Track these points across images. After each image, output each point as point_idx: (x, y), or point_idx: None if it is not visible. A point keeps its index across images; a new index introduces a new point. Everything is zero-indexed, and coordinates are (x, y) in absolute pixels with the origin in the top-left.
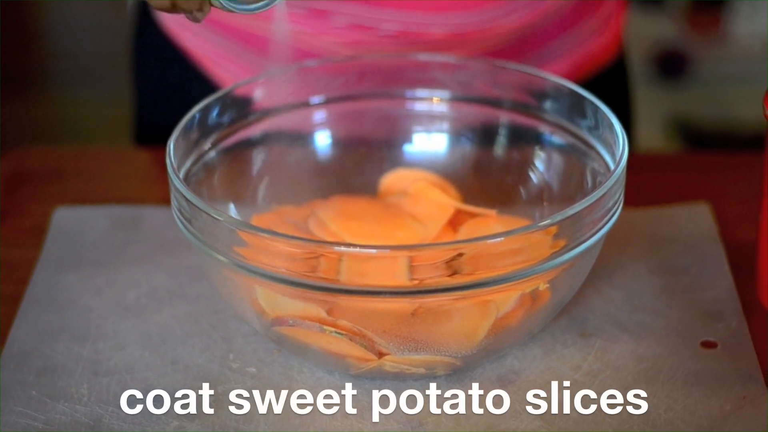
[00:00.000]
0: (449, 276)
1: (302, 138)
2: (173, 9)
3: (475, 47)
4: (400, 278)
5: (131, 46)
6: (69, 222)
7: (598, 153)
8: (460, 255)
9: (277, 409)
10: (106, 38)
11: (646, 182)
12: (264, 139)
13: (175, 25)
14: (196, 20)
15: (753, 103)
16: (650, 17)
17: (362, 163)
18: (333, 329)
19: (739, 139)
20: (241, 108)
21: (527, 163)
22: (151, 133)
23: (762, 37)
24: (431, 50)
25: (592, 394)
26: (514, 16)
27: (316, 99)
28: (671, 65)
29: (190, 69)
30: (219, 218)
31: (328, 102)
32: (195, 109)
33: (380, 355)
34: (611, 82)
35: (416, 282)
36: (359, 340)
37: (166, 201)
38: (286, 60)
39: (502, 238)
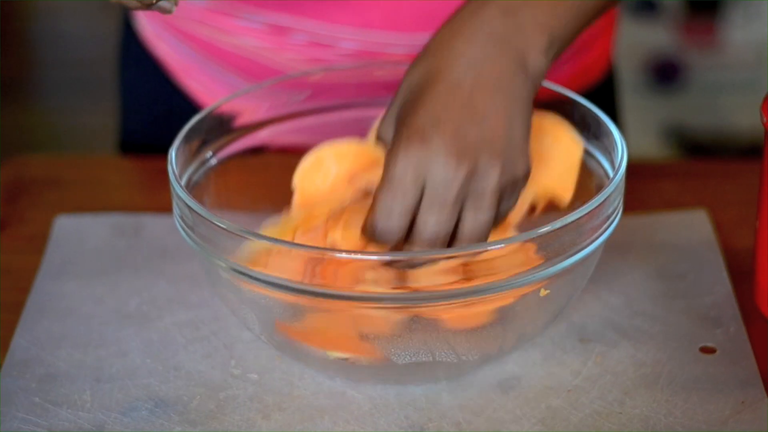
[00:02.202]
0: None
1: (302, 146)
2: (140, 5)
3: None
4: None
5: (116, 57)
6: (69, 230)
7: (597, 160)
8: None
9: (279, 415)
10: (95, 47)
11: (644, 189)
12: (264, 148)
13: (152, 36)
14: (166, 11)
15: (747, 111)
16: (644, 26)
17: None
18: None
19: (734, 147)
20: (241, 117)
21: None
22: (135, 143)
23: (756, 46)
24: (391, 70)
25: (592, 399)
26: None
27: (317, 107)
28: (665, 73)
29: (170, 80)
30: (221, 225)
31: (327, 110)
32: (196, 118)
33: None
34: (599, 99)
35: (414, 289)
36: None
37: (165, 209)
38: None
39: (503, 245)
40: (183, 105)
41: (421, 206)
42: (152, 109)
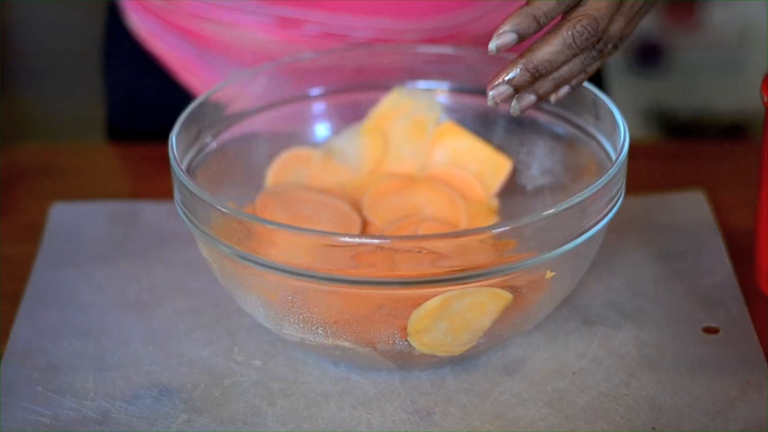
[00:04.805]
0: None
1: (303, 130)
2: None
3: None
4: (401, 269)
5: (101, 51)
6: (66, 218)
7: (598, 142)
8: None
9: (284, 401)
10: (74, 35)
11: (639, 171)
12: (264, 131)
13: (146, 33)
14: None
15: (728, 92)
16: None
17: None
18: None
19: (715, 127)
20: (241, 100)
21: (528, 154)
22: (123, 131)
23: (737, 27)
24: (390, 53)
25: (598, 381)
26: (487, 19)
27: (315, 91)
28: (647, 55)
29: (161, 75)
30: (224, 210)
31: (327, 94)
32: (195, 103)
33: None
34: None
35: (420, 272)
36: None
37: (160, 195)
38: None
39: (507, 228)
40: (171, 93)
41: None
42: (140, 103)
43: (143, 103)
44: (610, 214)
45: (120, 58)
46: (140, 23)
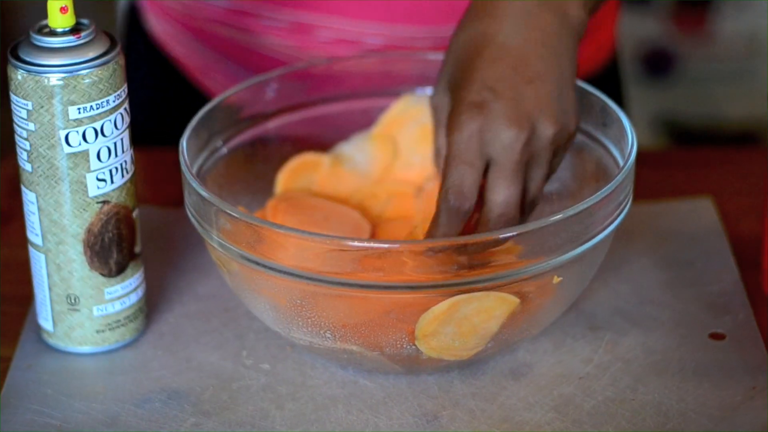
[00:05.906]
0: (459, 271)
1: (312, 136)
2: None
3: None
4: (408, 273)
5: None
6: None
7: (606, 148)
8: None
9: (293, 405)
10: None
11: (646, 178)
12: (275, 137)
13: (163, 36)
14: None
15: (738, 101)
16: (637, 17)
17: None
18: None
19: (725, 136)
20: (251, 106)
21: None
22: (141, 139)
23: (747, 36)
24: (399, 60)
25: (604, 386)
26: None
27: (326, 97)
28: (658, 64)
29: (178, 77)
30: (234, 214)
31: (337, 100)
32: (206, 108)
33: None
34: (604, 84)
35: (428, 277)
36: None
37: (168, 200)
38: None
39: (514, 233)
40: (188, 96)
41: (489, 176)
42: (158, 106)
43: (160, 105)
44: (617, 221)
45: (137, 60)
46: (158, 26)
